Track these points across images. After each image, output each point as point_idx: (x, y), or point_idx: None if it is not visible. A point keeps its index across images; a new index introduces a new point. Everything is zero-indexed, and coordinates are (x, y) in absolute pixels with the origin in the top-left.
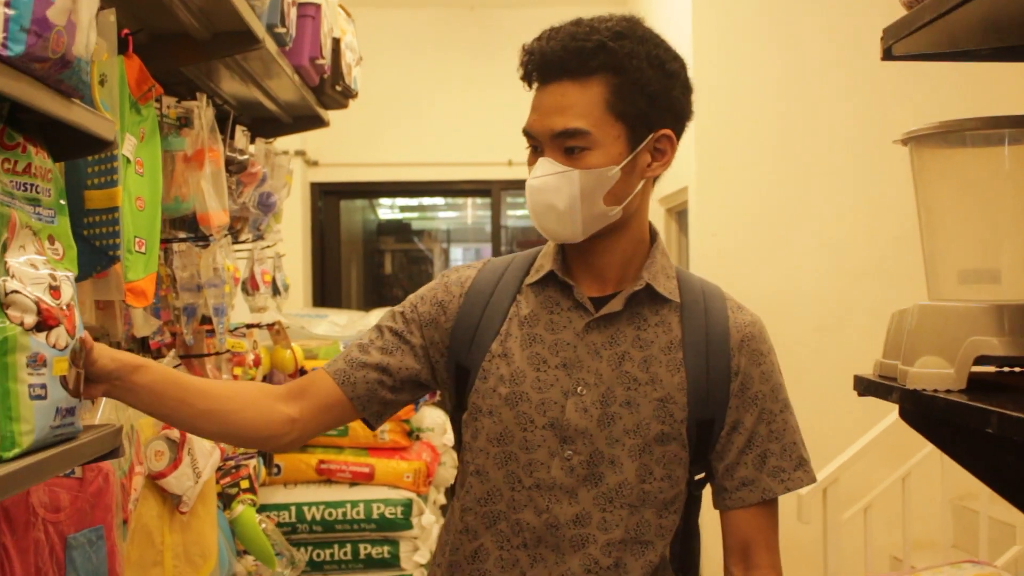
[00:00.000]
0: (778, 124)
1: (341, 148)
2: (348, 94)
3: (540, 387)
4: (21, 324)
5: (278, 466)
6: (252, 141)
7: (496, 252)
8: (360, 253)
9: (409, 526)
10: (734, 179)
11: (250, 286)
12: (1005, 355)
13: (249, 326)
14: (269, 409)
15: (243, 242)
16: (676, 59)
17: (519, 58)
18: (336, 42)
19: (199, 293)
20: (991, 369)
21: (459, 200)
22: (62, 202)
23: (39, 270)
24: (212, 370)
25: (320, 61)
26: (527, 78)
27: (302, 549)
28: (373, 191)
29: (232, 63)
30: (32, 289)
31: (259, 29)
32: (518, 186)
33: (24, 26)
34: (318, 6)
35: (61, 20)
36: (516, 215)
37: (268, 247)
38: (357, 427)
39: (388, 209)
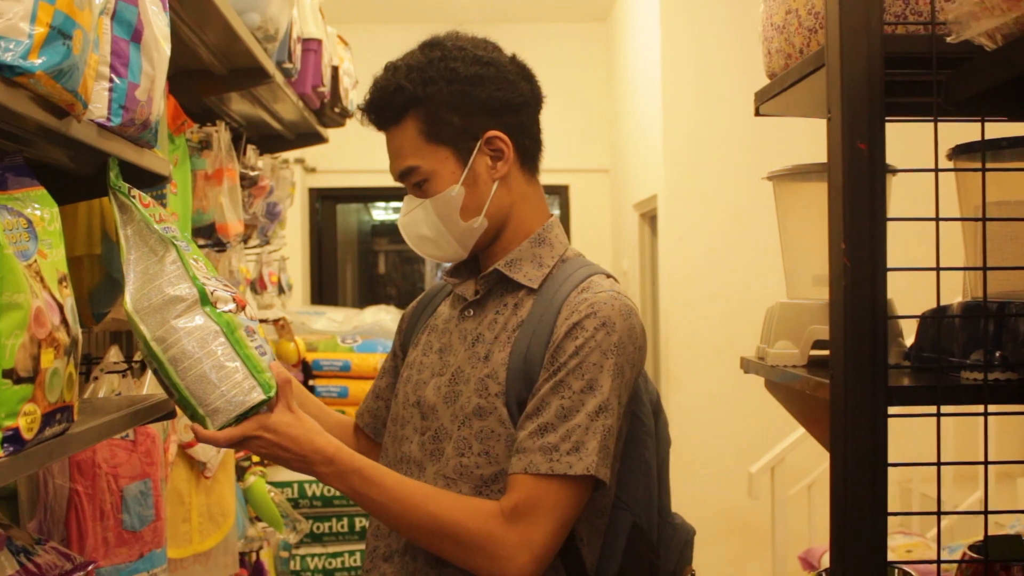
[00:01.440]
0: (742, 135)
1: (337, 155)
2: (345, 114)
3: (420, 369)
4: (231, 310)
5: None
6: (259, 156)
7: None
8: (355, 254)
9: None
10: (699, 187)
11: (259, 286)
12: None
13: (259, 322)
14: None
15: (252, 247)
16: (479, 62)
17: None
18: (335, 69)
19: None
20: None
21: None
22: (187, 233)
23: (210, 277)
24: None
25: (321, 88)
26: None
27: (296, 531)
28: (367, 196)
29: (244, 91)
30: (219, 287)
31: (269, 65)
32: None
33: (121, 104)
34: (320, 41)
35: (144, 97)
36: None
37: (274, 251)
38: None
39: (382, 211)
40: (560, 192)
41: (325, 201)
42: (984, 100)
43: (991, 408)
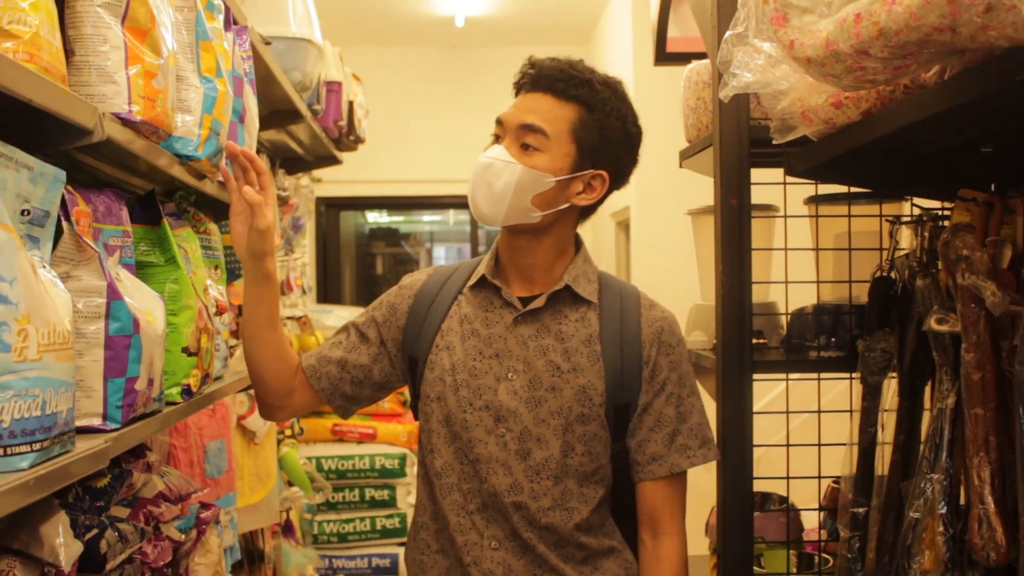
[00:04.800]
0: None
1: (341, 166)
2: (359, 140)
3: (476, 374)
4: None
5: (302, 428)
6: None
7: (474, 252)
8: (353, 256)
9: (404, 474)
10: (667, 199)
11: (285, 288)
12: None
13: (289, 319)
14: (288, 384)
15: (279, 256)
16: (638, 127)
17: (521, 68)
18: (351, 104)
19: None
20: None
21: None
22: (220, 246)
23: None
24: None
25: (340, 122)
26: (519, 86)
27: (321, 493)
28: (369, 204)
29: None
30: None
31: (303, 109)
32: None
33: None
34: (340, 83)
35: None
36: None
37: (298, 258)
38: None
39: (378, 213)
40: None
41: (330, 209)
42: (818, 169)
43: (824, 375)
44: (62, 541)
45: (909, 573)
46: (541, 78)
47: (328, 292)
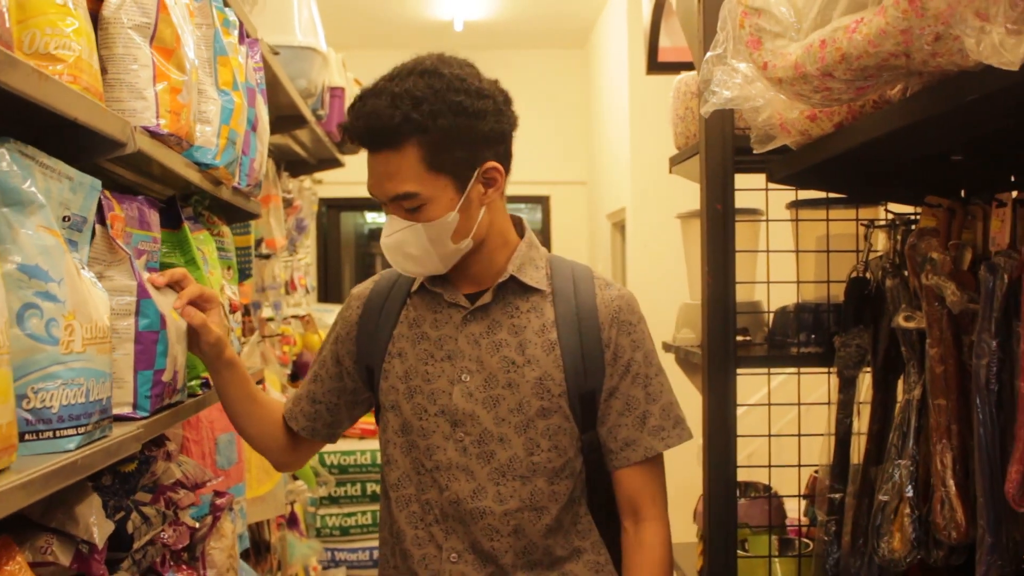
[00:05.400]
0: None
1: (342, 168)
2: None
3: (429, 379)
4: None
5: None
6: (290, 179)
7: None
8: (352, 256)
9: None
10: (661, 200)
11: (290, 287)
12: None
13: (293, 317)
14: (285, 441)
15: (284, 257)
16: (481, 94)
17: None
18: None
19: (263, 293)
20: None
21: None
22: (232, 247)
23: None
24: (268, 348)
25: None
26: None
27: (324, 487)
28: (369, 204)
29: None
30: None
31: (308, 115)
32: None
33: (246, 173)
34: (343, 88)
35: (258, 166)
36: None
37: (301, 259)
38: None
39: (376, 214)
40: (542, 202)
41: (330, 210)
42: (797, 176)
43: (804, 369)
44: (96, 520)
45: (879, 552)
46: (363, 140)
47: (329, 290)
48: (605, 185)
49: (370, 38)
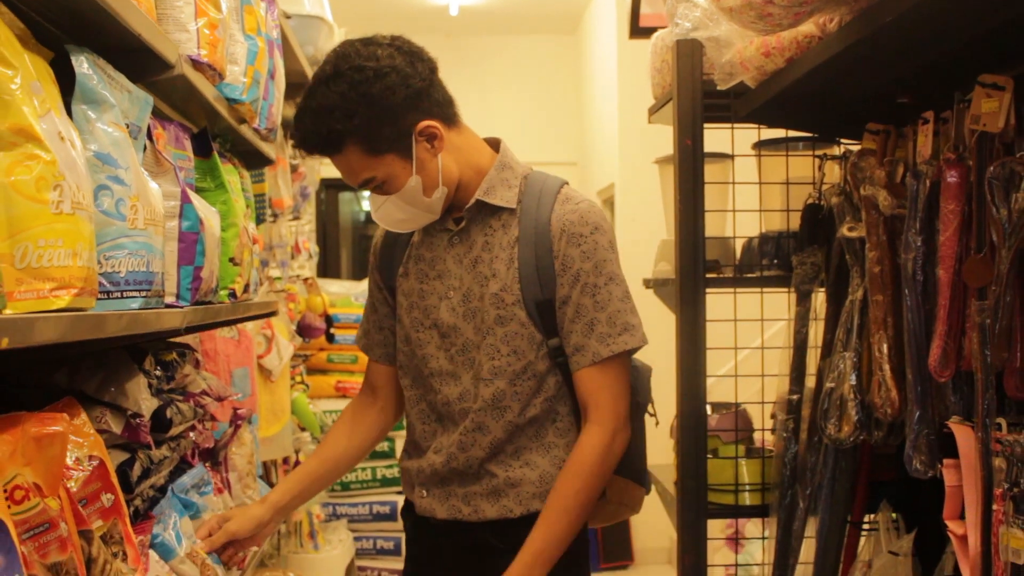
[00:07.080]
0: None
1: None
2: None
3: (424, 295)
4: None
5: (307, 384)
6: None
7: None
8: (350, 238)
9: (402, 427)
10: (647, 178)
11: (294, 251)
12: None
13: (297, 278)
14: (366, 427)
15: (290, 220)
16: (380, 73)
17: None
18: None
19: (271, 252)
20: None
21: None
22: (251, 189)
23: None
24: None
25: None
26: None
27: None
28: None
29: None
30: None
31: None
32: None
33: (266, 115)
34: None
35: (276, 111)
36: None
37: (305, 224)
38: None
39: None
40: None
41: (329, 189)
42: (759, 113)
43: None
44: (144, 396)
45: (827, 434)
46: (309, 147)
47: (328, 268)
48: (595, 164)
49: (366, 21)
